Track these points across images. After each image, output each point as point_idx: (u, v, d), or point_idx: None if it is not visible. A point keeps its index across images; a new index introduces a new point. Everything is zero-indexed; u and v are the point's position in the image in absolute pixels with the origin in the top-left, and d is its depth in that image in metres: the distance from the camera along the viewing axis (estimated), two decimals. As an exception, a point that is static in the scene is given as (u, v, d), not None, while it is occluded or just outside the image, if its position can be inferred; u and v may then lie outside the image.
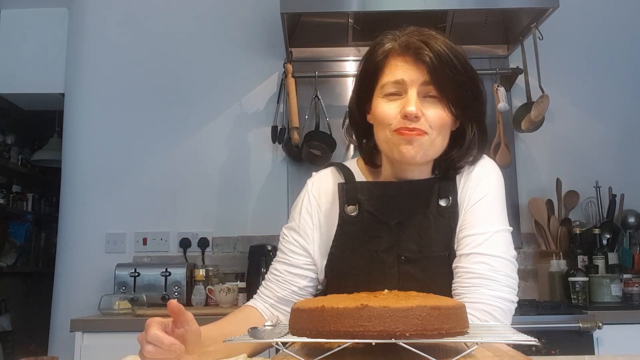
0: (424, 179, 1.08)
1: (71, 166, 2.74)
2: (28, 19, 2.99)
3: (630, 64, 2.77)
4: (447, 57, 0.99)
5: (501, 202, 1.07)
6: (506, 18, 2.58)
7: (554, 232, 2.51)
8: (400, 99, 1.00)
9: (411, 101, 0.98)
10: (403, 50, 1.01)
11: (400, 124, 0.99)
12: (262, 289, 1.14)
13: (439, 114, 1.00)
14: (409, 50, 1.00)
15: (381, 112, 1.02)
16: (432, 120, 0.99)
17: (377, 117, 1.03)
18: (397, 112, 0.99)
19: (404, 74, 1.00)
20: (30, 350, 3.51)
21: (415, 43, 1.00)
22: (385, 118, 1.01)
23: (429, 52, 0.98)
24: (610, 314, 2.00)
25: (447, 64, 0.99)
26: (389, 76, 1.02)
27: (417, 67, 1.00)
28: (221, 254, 2.64)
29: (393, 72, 1.02)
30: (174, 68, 2.77)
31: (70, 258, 2.65)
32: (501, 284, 0.97)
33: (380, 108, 1.02)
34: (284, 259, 1.12)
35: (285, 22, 2.33)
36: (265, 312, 1.11)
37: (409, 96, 0.99)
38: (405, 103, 0.99)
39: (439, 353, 0.66)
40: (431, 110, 0.99)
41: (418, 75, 0.99)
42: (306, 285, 1.10)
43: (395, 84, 1.01)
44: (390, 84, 1.01)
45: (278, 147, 2.67)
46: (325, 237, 1.09)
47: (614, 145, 2.71)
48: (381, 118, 1.02)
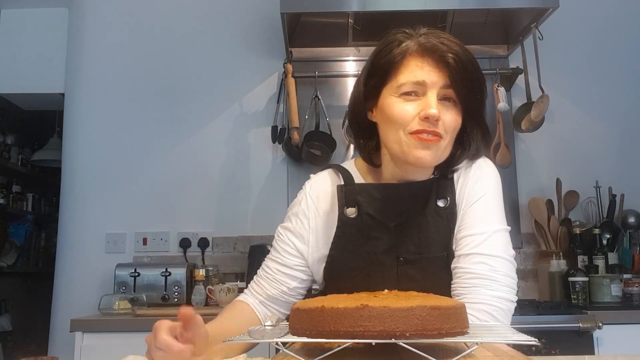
0: (422, 180, 1.07)
1: (71, 166, 2.74)
2: (28, 19, 2.99)
3: (630, 63, 2.77)
4: (468, 62, 0.99)
5: (499, 202, 1.07)
6: (506, 18, 2.58)
7: (554, 232, 2.51)
8: (418, 100, 0.99)
9: (432, 103, 0.97)
10: (424, 51, 1.00)
11: (419, 126, 0.97)
12: (253, 284, 1.15)
13: (454, 118, 1.00)
14: (431, 51, 0.99)
15: (398, 112, 0.99)
16: (448, 124, 0.99)
17: (392, 116, 1.00)
18: (415, 114, 0.98)
19: (426, 75, 0.99)
20: (30, 350, 3.50)
21: (437, 45, 0.99)
22: (402, 118, 0.99)
23: (453, 56, 0.98)
24: (610, 314, 2.00)
25: (466, 69, 0.99)
26: (408, 76, 1.00)
27: (439, 69, 0.99)
28: (221, 254, 2.64)
29: (413, 72, 1.00)
30: (174, 68, 2.77)
31: (70, 258, 2.65)
32: (501, 283, 0.97)
33: (397, 108, 1.00)
34: (277, 257, 1.12)
35: (285, 22, 2.33)
36: (257, 307, 1.12)
37: (429, 98, 0.98)
38: (425, 105, 0.97)
39: (439, 353, 0.66)
40: (448, 114, 0.99)
41: (439, 78, 0.98)
42: (296, 287, 1.11)
43: (416, 85, 0.99)
44: (410, 84, 0.99)
45: (278, 147, 2.67)
46: (323, 240, 1.09)
47: (614, 145, 2.71)
48: (397, 118, 0.99)
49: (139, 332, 2.06)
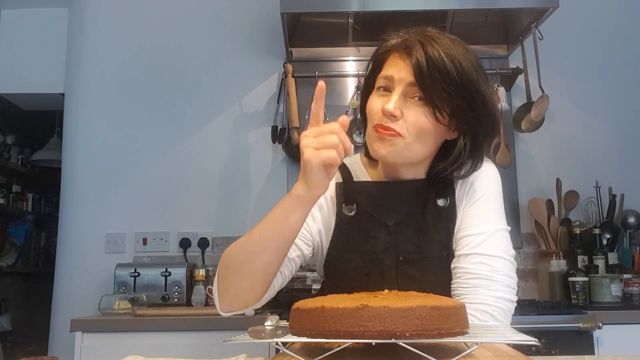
0: (421, 179, 1.07)
1: (71, 166, 2.74)
2: (28, 19, 2.98)
3: (630, 63, 2.77)
4: (439, 61, 0.94)
5: (499, 202, 1.06)
6: (506, 18, 2.58)
7: (554, 232, 2.51)
8: (388, 95, 0.99)
9: (391, 99, 0.97)
10: (401, 48, 1.00)
11: (379, 121, 0.98)
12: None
13: (418, 118, 0.96)
14: (405, 48, 0.99)
15: (370, 105, 1.02)
16: (411, 123, 0.97)
17: (367, 110, 1.03)
18: (380, 108, 0.98)
19: (394, 71, 0.99)
20: (30, 350, 3.50)
21: (411, 42, 0.98)
22: (370, 112, 1.01)
23: (417, 53, 0.95)
24: (610, 314, 2.00)
25: (437, 68, 0.94)
26: (384, 71, 1.02)
27: (409, 66, 0.97)
28: (221, 253, 2.62)
29: (386, 68, 1.01)
30: (174, 68, 2.77)
31: (70, 258, 2.65)
32: (501, 284, 0.97)
33: (370, 102, 1.02)
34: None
35: (285, 22, 2.33)
36: None
37: (392, 94, 0.98)
38: (387, 100, 0.98)
39: (439, 353, 0.66)
40: (412, 113, 0.97)
41: (407, 75, 0.97)
42: (293, 258, 1.05)
43: (385, 79, 1.00)
44: (382, 78, 1.01)
45: (278, 147, 2.67)
46: (324, 235, 1.09)
47: (614, 145, 2.71)
48: (368, 111, 1.02)
49: (139, 332, 2.09)
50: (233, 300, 0.99)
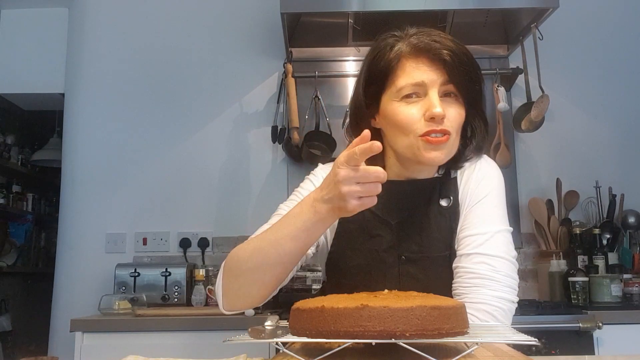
0: (425, 178, 1.08)
1: (71, 166, 2.74)
2: (28, 19, 2.98)
3: (630, 63, 2.77)
4: (462, 55, 1.00)
5: (502, 202, 1.07)
6: (506, 18, 2.58)
7: (554, 232, 2.51)
8: (420, 101, 0.99)
9: (435, 102, 0.97)
10: (417, 52, 1.00)
11: (427, 127, 0.98)
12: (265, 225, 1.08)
13: (458, 113, 1.01)
14: (425, 51, 1.00)
15: (403, 116, 0.99)
16: (453, 119, 1.00)
17: (398, 122, 1.00)
18: (420, 116, 0.98)
19: (423, 76, 0.99)
20: (30, 350, 3.51)
21: (430, 44, 0.99)
22: (408, 122, 0.99)
23: (447, 51, 0.98)
24: (610, 314, 2.00)
25: (462, 62, 1.00)
26: (406, 78, 1.00)
27: (435, 67, 0.99)
28: (221, 254, 2.63)
29: (410, 74, 1.00)
30: (174, 68, 2.77)
31: (70, 258, 2.65)
32: (502, 284, 0.97)
33: (401, 112, 1.00)
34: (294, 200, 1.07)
35: (285, 22, 2.33)
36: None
37: (431, 97, 0.98)
38: (428, 105, 0.98)
39: (439, 353, 0.66)
40: (451, 110, 1.00)
41: (437, 75, 0.99)
42: None
43: (415, 86, 0.99)
44: (410, 86, 0.99)
45: (278, 147, 2.67)
46: (329, 233, 1.08)
47: (614, 145, 2.71)
48: (403, 122, 0.99)
49: (139, 332, 2.09)
50: (239, 301, 1.00)
